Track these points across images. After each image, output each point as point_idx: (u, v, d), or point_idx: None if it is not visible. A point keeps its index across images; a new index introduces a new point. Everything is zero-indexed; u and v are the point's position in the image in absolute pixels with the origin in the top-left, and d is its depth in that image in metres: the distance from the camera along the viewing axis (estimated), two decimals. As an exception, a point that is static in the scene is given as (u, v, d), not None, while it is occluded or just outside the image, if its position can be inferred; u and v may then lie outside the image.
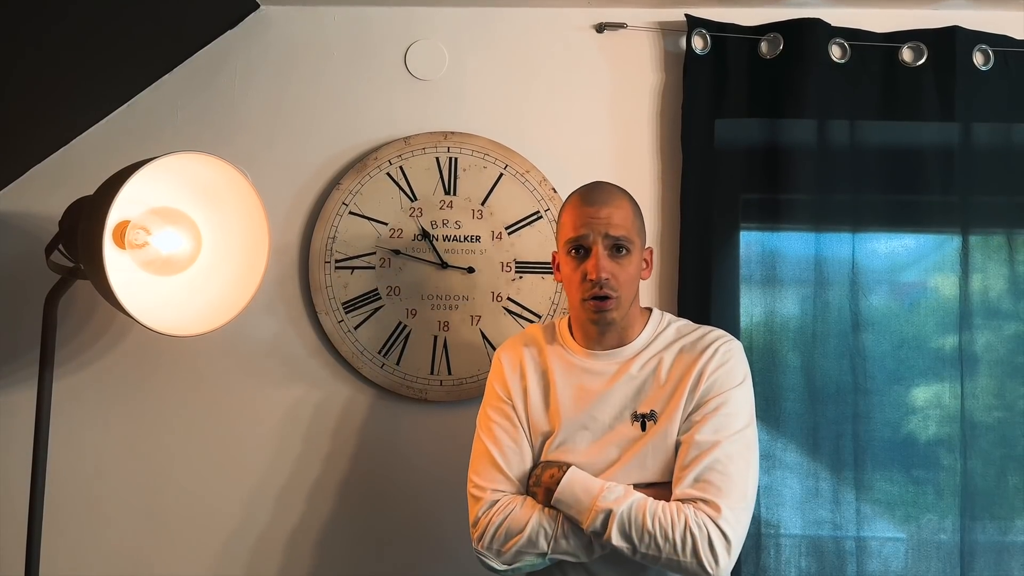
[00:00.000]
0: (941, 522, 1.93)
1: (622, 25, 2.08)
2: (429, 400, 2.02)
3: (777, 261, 1.99)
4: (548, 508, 1.45)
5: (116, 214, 1.57)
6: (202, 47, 2.09)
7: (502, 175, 2.05)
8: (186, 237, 1.76)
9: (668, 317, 1.60)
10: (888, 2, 2.04)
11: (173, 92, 2.09)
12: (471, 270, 2.04)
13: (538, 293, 2.04)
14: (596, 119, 2.08)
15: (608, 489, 1.41)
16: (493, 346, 2.02)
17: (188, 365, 2.03)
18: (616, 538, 1.37)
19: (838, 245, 1.97)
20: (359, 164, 2.05)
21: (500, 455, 1.51)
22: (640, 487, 1.43)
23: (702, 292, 1.95)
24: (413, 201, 2.05)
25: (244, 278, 1.77)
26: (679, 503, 1.39)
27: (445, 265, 2.04)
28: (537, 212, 2.05)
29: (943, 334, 1.97)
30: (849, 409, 1.93)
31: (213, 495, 2.02)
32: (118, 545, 2.01)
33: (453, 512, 1.71)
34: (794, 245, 1.99)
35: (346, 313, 2.02)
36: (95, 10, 1.70)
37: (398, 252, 2.04)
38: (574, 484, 1.43)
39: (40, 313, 1.77)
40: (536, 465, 1.51)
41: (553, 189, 2.05)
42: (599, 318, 1.51)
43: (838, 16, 2.00)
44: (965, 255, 1.97)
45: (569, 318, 1.62)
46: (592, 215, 1.49)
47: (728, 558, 1.37)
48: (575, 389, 1.53)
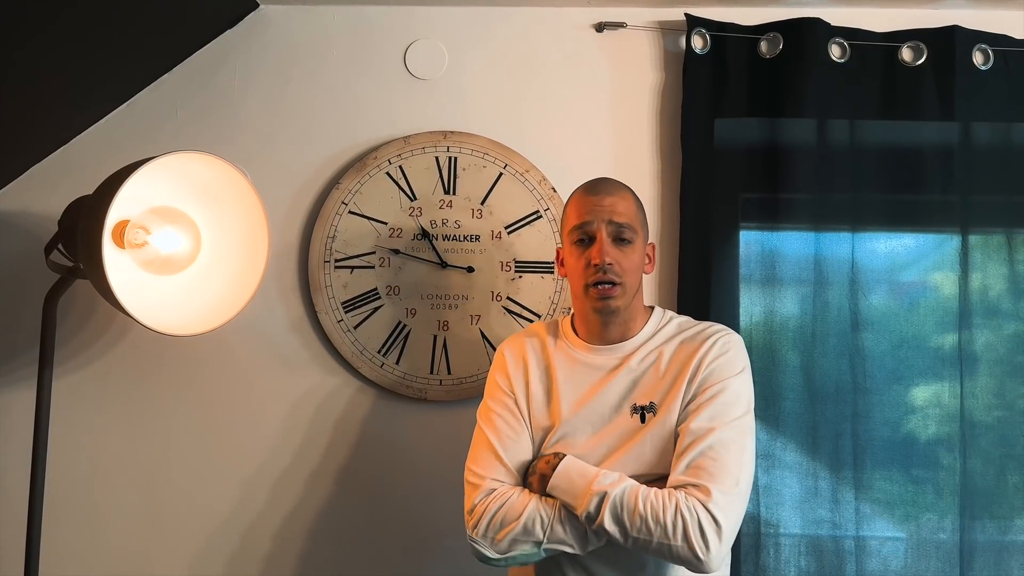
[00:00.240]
0: (940, 521, 1.93)
1: (622, 24, 2.08)
2: (429, 400, 2.02)
3: (777, 260, 1.99)
4: (545, 497, 1.45)
5: (116, 213, 1.57)
6: (201, 46, 2.09)
7: (501, 174, 2.05)
8: (185, 236, 1.76)
9: (670, 314, 1.61)
10: (888, 1, 2.04)
11: (172, 91, 2.09)
12: (471, 269, 2.04)
13: (537, 293, 2.04)
14: (596, 118, 2.08)
15: (604, 474, 1.41)
16: (492, 345, 2.02)
17: (187, 365, 2.03)
18: (608, 522, 1.37)
19: (838, 244, 1.98)
20: (359, 163, 2.05)
21: (500, 445, 1.51)
22: (642, 481, 1.43)
23: (702, 291, 1.95)
24: (413, 200, 2.05)
25: (243, 277, 1.77)
26: (671, 489, 1.39)
27: (445, 264, 2.04)
28: (537, 211, 2.05)
29: (943, 333, 1.97)
30: (849, 408, 1.93)
31: (212, 494, 2.02)
32: (117, 544, 2.01)
33: (453, 512, 1.70)
34: (794, 244, 1.99)
35: (345, 313, 2.02)
36: (94, 9, 1.70)
37: (398, 251, 2.03)
38: (570, 470, 1.43)
39: (39, 312, 1.77)
40: (535, 459, 1.51)
41: (552, 188, 2.04)
42: (603, 306, 1.50)
43: (838, 16, 2.00)
44: (965, 254, 1.97)
45: (572, 316, 1.62)
46: (596, 203, 1.51)
47: (719, 543, 1.35)
48: (576, 383, 1.54)
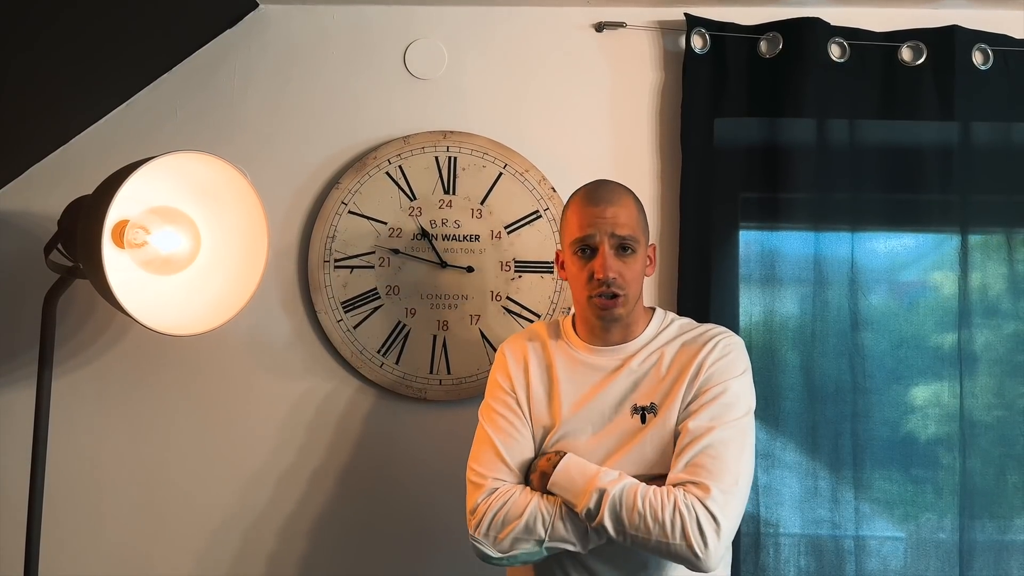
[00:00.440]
0: (940, 521, 1.93)
1: (621, 24, 2.08)
2: (428, 399, 2.02)
3: (776, 260, 1.99)
4: (546, 495, 1.45)
5: (115, 213, 1.57)
6: (201, 46, 2.09)
7: (501, 174, 2.05)
8: (185, 236, 1.76)
9: (671, 315, 1.61)
10: (887, 1, 2.04)
11: (172, 91, 2.08)
12: (470, 269, 2.04)
13: (537, 292, 2.04)
14: (595, 118, 2.08)
15: (604, 472, 1.42)
16: (492, 345, 2.02)
17: (187, 364, 2.03)
18: (607, 519, 1.37)
19: (837, 244, 1.98)
20: (358, 163, 2.05)
21: (502, 444, 1.51)
22: (642, 479, 1.43)
23: (701, 291, 1.95)
24: (412, 200, 2.05)
25: (243, 277, 1.77)
26: (670, 487, 1.39)
27: (444, 264, 2.03)
28: (536, 211, 2.05)
29: (942, 333, 1.97)
30: (848, 408, 1.93)
31: (212, 494, 2.02)
32: (117, 543, 2.01)
33: (452, 511, 1.70)
34: (793, 244, 1.99)
35: (345, 312, 2.02)
36: (94, 9, 1.69)
37: (397, 251, 2.03)
38: (570, 468, 1.44)
39: (39, 312, 1.77)
40: (536, 458, 1.51)
41: (552, 188, 2.04)
42: (605, 315, 1.51)
43: (837, 15, 2.00)
44: (964, 254, 1.97)
45: (573, 315, 1.62)
46: (598, 215, 1.50)
47: (717, 541, 1.35)
48: (577, 383, 1.54)
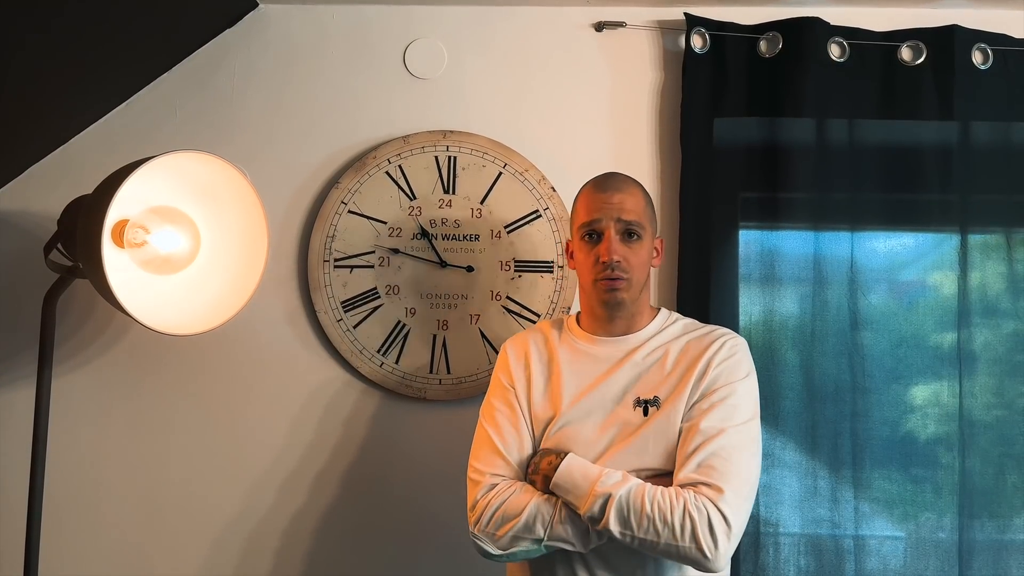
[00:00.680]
0: (939, 520, 1.93)
1: (621, 24, 2.08)
2: (428, 399, 2.02)
3: (776, 260, 1.99)
4: (547, 495, 1.44)
5: (115, 213, 1.57)
6: (201, 46, 2.09)
7: (501, 174, 2.05)
8: (185, 236, 1.76)
9: (676, 315, 1.62)
10: (887, 1, 2.04)
11: (172, 91, 2.08)
12: (470, 269, 2.04)
13: (537, 292, 2.04)
14: (595, 118, 2.08)
15: (607, 474, 1.41)
16: (492, 345, 2.02)
17: (187, 364, 2.03)
18: (613, 523, 1.36)
19: (837, 244, 1.98)
20: (358, 163, 2.05)
21: (500, 440, 1.51)
22: (642, 475, 1.43)
23: (701, 291, 1.95)
24: (412, 200, 2.05)
25: (243, 277, 1.77)
26: (678, 488, 1.39)
27: (444, 264, 2.04)
28: (536, 211, 2.05)
29: (942, 332, 1.97)
30: (848, 407, 1.93)
31: (211, 493, 2.02)
32: (117, 543, 2.01)
33: (452, 510, 1.71)
34: (793, 244, 1.99)
35: (345, 312, 2.02)
36: (93, 8, 1.69)
37: (397, 251, 2.03)
38: (572, 470, 1.43)
39: (39, 312, 1.77)
40: (535, 453, 1.51)
41: (552, 188, 2.04)
42: (610, 298, 1.52)
43: (837, 15, 2.00)
44: (964, 254, 1.97)
45: (578, 314, 1.64)
46: (605, 200, 1.53)
47: (728, 543, 1.35)
48: (580, 374, 1.54)
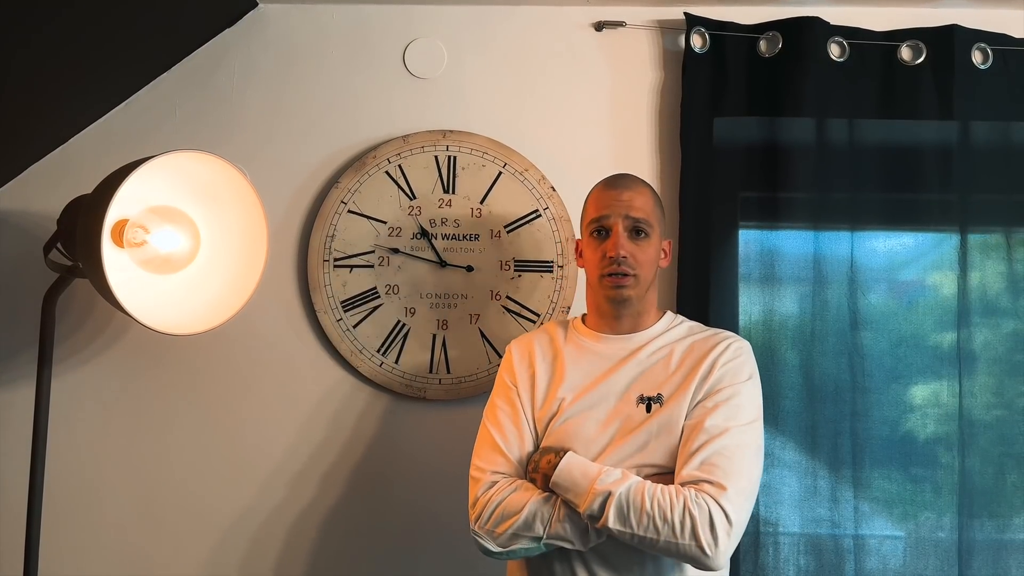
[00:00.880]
0: (939, 520, 1.93)
1: (621, 23, 2.08)
2: (428, 399, 2.02)
3: (776, 259, 1.99)
4: (546, 493, 1.44)
5: (115, 212, 1.57)
6: (200, 45, 2.09)
7: (501, 173, 2.05)
8: (184, 236, 1.76)
9: (681, 318, 1.64)
10: (887, 1, 2.04)
11: (171, 90, 2.08)
12: (470, 269, 2.04)
13: (537, 292, 2.03)
14: (595, 117, 2.08)
15: (606, 472, 1.41)
16: (492, 345, 2.02)
17: (186, 364, 2.03)
18: (613, 521, 1.36)
19: (837, 243, 1.98)
20: (358, 162, 2.05)
21: (501, 438, 1.52)
22: (643, 472, 1.43)
23: (701, 290, 1.95)
24: (412, 199, 2.05)
25: (243, 277, 1.77)
26: (679, 486, 1.39)
27: (444, 264, 2.04)
28: (536, 211, 2.04)
29: (941, 332, 1.97)
30: (848, 407, 1.93)
31: (211, 493, 2.02)
32: (116, 543, 2.01)
33: (452, 510, 1.71)
34: (793, 243, 1.99)
35: (345, 312, 2.02)
36: (93, 8, 1.69)
37: (397, 251, 2.03)
38: (572, 468, 1.43)
39: (39, 311, 1.77)
40: (536, 451, 1.51)
41: (552, 187, 2.04)
42: (616, 294, 1.54)
43: (837, 15, 2.00)
44: (963, 253, 1.97)
45: (583, 316, 1.65)
46: (614, 197, 1.56)
47: (728, 540, 1.35)
48: (584, 370, 1.55)
